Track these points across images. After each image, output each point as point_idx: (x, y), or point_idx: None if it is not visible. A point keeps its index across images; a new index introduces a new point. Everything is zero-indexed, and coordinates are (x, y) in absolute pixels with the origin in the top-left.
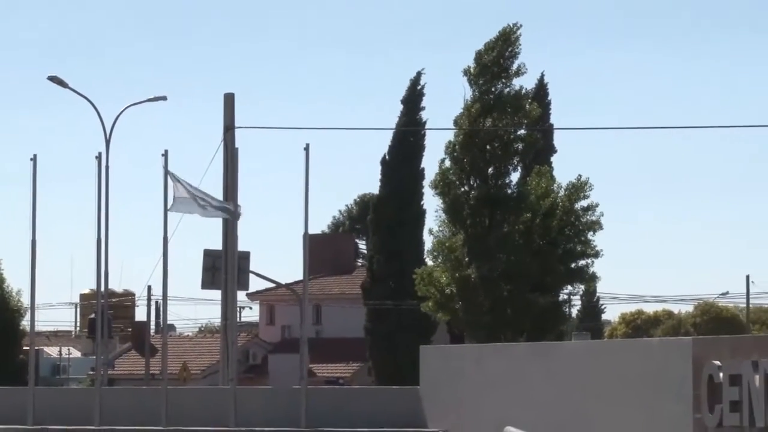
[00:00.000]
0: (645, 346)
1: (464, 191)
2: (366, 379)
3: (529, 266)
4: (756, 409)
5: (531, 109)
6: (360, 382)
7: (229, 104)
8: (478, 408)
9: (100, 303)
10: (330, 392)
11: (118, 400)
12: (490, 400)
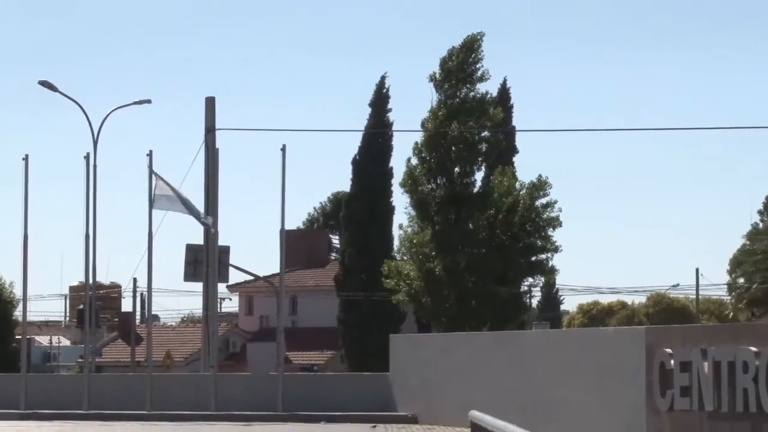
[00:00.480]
0: (601, 335)
1: (431, 189)
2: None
3: (492, 260)
4: (705, 394)
5: (494, 112)
6: (333, 369)
7: (210, 107)
8: (445, 393)
9: (88, 294)
10: (305, 378)
11: (105, 385)
12: (457, 386)
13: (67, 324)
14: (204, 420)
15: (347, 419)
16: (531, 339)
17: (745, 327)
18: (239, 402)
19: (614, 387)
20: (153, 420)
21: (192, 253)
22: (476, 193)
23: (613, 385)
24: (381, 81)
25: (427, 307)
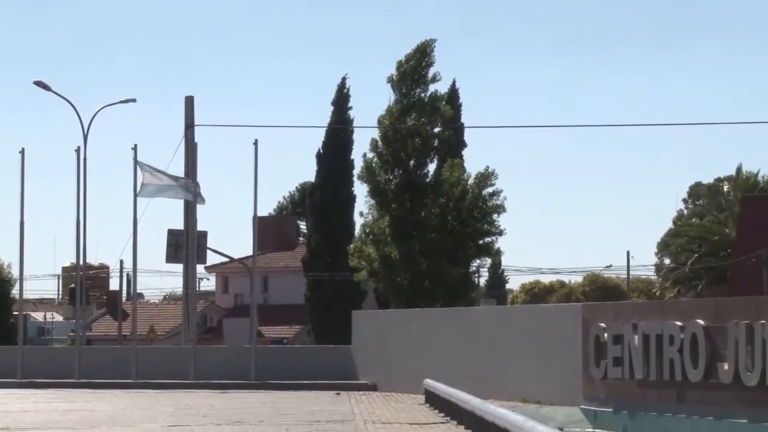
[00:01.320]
0: (542, 311)
1: (387, 180)
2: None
3: (444, 243)
4: (635, 364)
5: (444, 110)
6: (301, 342)
7: (189, 105)
8: (402, 364)
9: (79, 275)
10: (276, 350)
11: (94, 357)
12: (412, 357)
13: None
14: (184, 388)
15: (314, 387)
16: (479, 314)
17: (671, 304)
18: (216, 372)
19: (553, 357)
20: (138, 388)
21: (173, 237)
22: (429, 183)
23: (552, 355)
24: (342, 82)
25: (386, 285)
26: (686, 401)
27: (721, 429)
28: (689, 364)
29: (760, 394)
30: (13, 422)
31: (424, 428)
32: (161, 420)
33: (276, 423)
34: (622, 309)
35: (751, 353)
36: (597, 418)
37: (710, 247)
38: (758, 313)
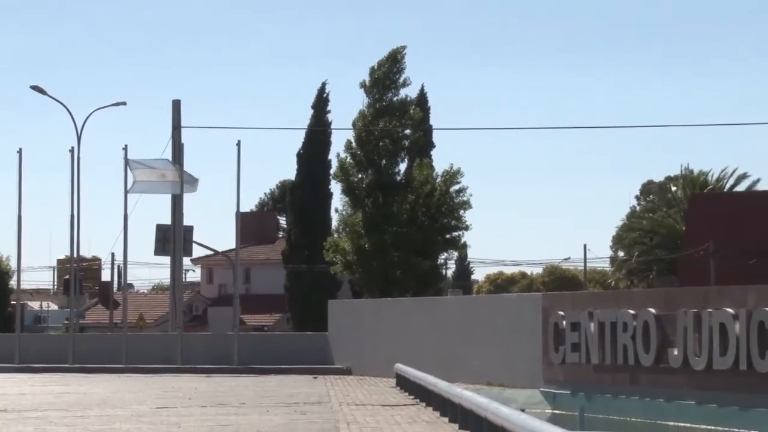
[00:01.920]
0: (505, 300)
1: (360, 178)
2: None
3: (414, 237)
4: (591, 349)
5: (414, 113)
6: (281, 329)
7: (176, 108)
8: (375, 349)
9: (73, 266)
10: (257, 337)
11: (87, 344)
12: (384, 343)
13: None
14: (171, 372)
15: (292, 371)
16: (446, 304)
17: (624, 293)
18: (201, 357)
19: (516, 344)
20: (128, 373)
21: (161, 232)
22: (399, 182)
23: (514, 342)
24: (322, 87)
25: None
26: (639, 384)
27: (671, 410)
28: (641, 350)
29: (707, 377)
30: (11, 404)
31: (395, 410)
32: (150, 402)
33: (257, 405)
34: (580, 298)
35: (699, 340)
36: (556, 400)
37: (660, 241)
38: (705, 303)
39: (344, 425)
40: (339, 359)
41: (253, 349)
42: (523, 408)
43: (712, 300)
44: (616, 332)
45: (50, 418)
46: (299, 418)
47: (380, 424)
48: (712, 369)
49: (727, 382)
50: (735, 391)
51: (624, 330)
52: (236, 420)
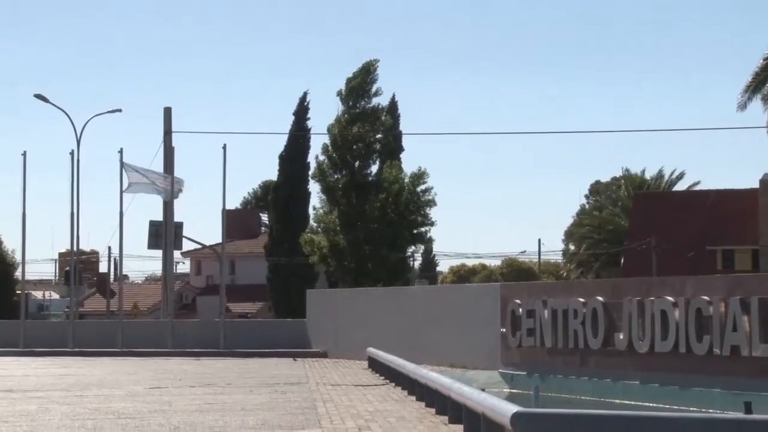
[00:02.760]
0: (467, 290)
1: (336, 179)
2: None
3: (384, 232)
4: (545, 334)
5: (385, 120)
6: (263, 316)
7: (167, 115)
8: (348, 334)
9: (73, 259)
10: (241, 323)
11: (86, 330)
12: (357, 329)
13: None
14: (163, 356)
15: (274, 354)
16: (414, 293)
17: (575, 283)
18: (190, 342)
19: (476, 329)
20: (123, 356)
21: (154, 227)
22: (371, 182)
23: (475, 327)
24: (303, 96)
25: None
26: (588, 366)
27: (617, 389)
28: (590, 334)
29: (649, 359)
30: (16, 385)
31: (367, 389)
32: (143, 383)
33: (241, 385)
34: (534, 288)
35: (642, 325)
36: (513, 380)
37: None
38: (648, 291)
39: (321, 403)
40: (316, 343)
41: (238, 335)
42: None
43: (653, 289)
44: (567, 319)
45: (52, 397)
46: (280, 397)
47: (353, 403)
48: (654, 352)
49: (668, 364)
50: (675, 372)
51: (574, 316)
52: (222, 399)
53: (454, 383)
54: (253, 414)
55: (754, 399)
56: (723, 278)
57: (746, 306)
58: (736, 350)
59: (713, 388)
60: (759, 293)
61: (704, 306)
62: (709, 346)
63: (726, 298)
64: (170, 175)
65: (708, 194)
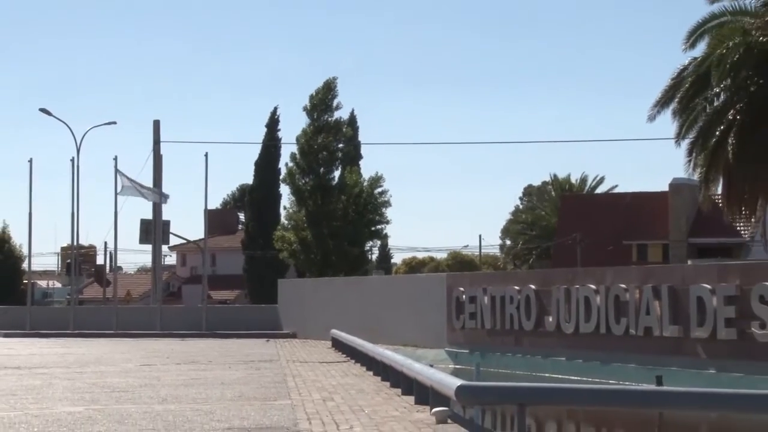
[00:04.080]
0: (418, 278)
1: (304, 183)
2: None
3: (346, 230)
4: (485, 317)
5: (346, 131)
6: (240, 302)
7: (156, 127)
8: (314, 318)
9: (73, 252)
10: (221, 309)
11: (85, 314)
12: (322, 314)
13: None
14: (152, 337)
15: (250, 336)
16: (371, 282)
17: (511, 273)
18: (176, 324)
19: (426, 313)
20: (117, 337)
21: (144, 225)
22: (335, 185)
23: (425, 311)
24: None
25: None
26: (522, 344)
27: (547, 365)
28: (524, 318)
29: (574, 339)
30: (23, 363)
31: (331, 365)
32: (135, 360)
33: (221, 362)
34: (476, 277)
35: (569, 309)
36: (457, 358)
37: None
38: (573, 280)
39: (290, 378)
40: (286, 326)
41: (218, 318)
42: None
43: (578, 278)
44: (504, 304)
45: (55, 373)
46: (255, 373)
47: (319, 377)
48: (578, 332)
49: (591, 343)
50: (596, 350)
51: (510, 302)
52: (204, 374)
53: (406, 360)
54: (232, 387)
55: (665, 373)
56: (637, 269)
57: (657, 293)
58: (648, 331)
59: (629, 363)
60: (668, 282)
61: (621, 293)
62: (626, 328)
63: (640, 286)
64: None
65: (624, 196)
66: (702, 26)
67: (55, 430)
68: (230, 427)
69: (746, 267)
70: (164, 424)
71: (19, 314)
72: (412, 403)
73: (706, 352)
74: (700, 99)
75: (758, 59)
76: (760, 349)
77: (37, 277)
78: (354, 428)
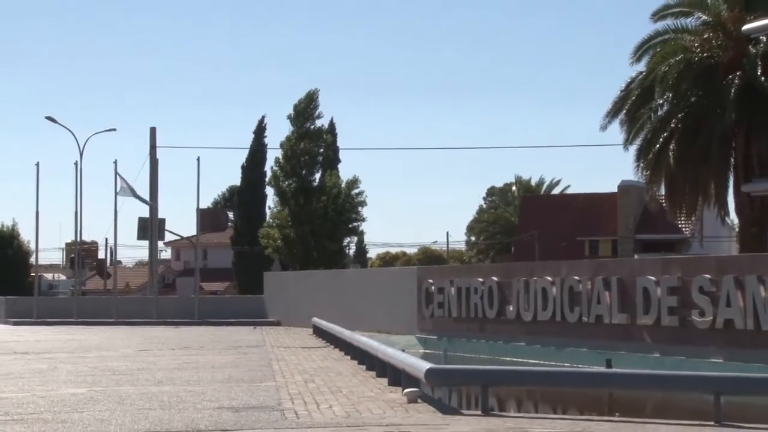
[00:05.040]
0: (391, 272)
1: (287, 185)
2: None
3: (325, 227)
4: (452, 306)
5: (326, 138)
6: (230, 293)
7: (152, 133)
8: (297, 308)
9: (77, 247)
10: (212, 299)
11: (87, 304)
12: (304, 303)
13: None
14: (149, 324)
15: (238, 323)
16: (349, 275)
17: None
18: (171, 313)
19: (399, 302)
20: (117, 325)
21: (142, 222)
22: (315, 187)
23: (398, 301)
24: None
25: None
26: (485, 331)
27: (508, 349)
28: (487, 307)
29: (533, 326)
30: (30, 348)
31: (312, 350)
32: (134, 346)
33: (212, 347)
34: (444, 270)
35: (527, 299)
36: (427, 343)
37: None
38: (532, 273)
39: (275, 362)
40: (271, 314)
41: (209, 308)
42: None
43: (536, 271)
44: (469, 294)
45: (59, 358)
46: (243, 357)
47: (301, 361)
48: (537, 320)
49: (547, 329)
50: (553, 336)
51: (475, 292)
52: (197, 358)
53: (381, 346)
54: (221, 370)
55: (614, 357)
56: (590, 262)
57: (608, 284)
58: (599, 319)
59: (582, 348)
60: (617, 274)
61: (575, 284)
62: (579, 316)
63: (592, 278)
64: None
65: (578, 197)
66: (647, 43)
67: (60, 409)
68: (220, 407)
69: (687, 261)
70: (160, 403)
71: (27, 304)
72: (386, 384)
73: (651, 338)
74: (645, 109)
75: (697, 73)
76: (699, 335)
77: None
78: (333, 407)
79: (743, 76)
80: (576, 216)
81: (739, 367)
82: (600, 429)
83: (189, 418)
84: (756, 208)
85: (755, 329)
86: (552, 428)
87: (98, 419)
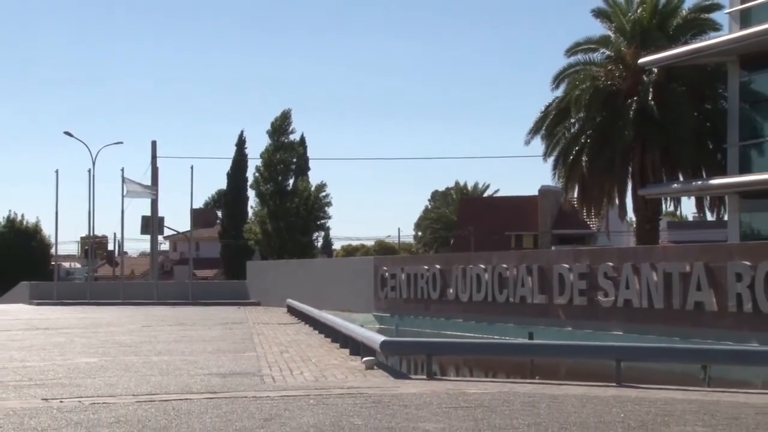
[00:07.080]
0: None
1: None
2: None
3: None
4: (403, 290)
5: (298, 149)
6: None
7: (153, 146)
8: (274, 291)
9: (90, 241)
10: (204, 283)
11: (99, 288)
12: (280, 287)
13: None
14: (150, 305)
15: (225, 304)
16: (317, 263)
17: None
18: (170, 295)
19: (359, 287)
20: (124, 305)
21: (144, 220)
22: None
23: (359, 286)
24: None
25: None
26: (430, 310)
27: (449, 325)
28: (431, 290)
29: (469, 305)
30: (51, 324)
31: (287, 326)
32: (138, 323)
33: (203, 324)
34: (396, 260)
35: (464, 283)
36: (382, 320)
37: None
38: (468, 261)
39: (255, 336)
40: (253, 296)
41: (201, 291)
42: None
43: (472, 260)
44: (417, 279)
45: (75, 333)
46: (228, 332)
47: (277, 334)
48: (472, 301)
49: (481, 308)
50: (485, 314)
51: (421, 278)
52: (191, 333)
53: (343, 322)
54: (211, 343)
55: (535, 330)
56: (515, 253)
57: (530, 270)
58: (523, 299)
59: (509, 324)
60: (538, 262)
61: (503, 271)
62: (507, 297)
63: (517, 266)
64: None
65: (506, 199)
66: (563, 73)
67: (76, 375)
68: (210, 373)
69: (594, 251)
70: (159, 370)
71: (48, 288)
72: (348, 354)
73: (565, 315)
74: (561, 127)
75: (603, 98)
76: (604, 312)
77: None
78: (304, 373)
79: (638, 100)
80: (504, 215)
81: (635, 338)
82: (523, 389)
83: (184, 382)
84: (649, 209)
85: (648, 307)
86: (484, 389)
87: (108, 384)
